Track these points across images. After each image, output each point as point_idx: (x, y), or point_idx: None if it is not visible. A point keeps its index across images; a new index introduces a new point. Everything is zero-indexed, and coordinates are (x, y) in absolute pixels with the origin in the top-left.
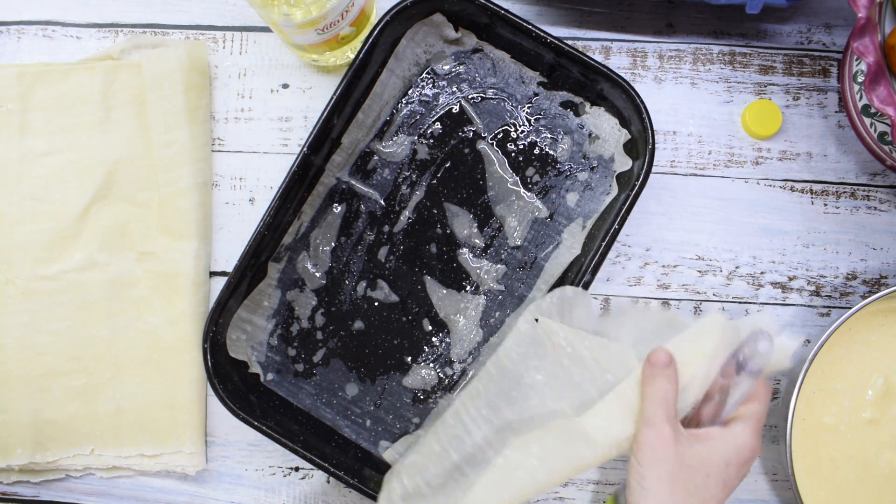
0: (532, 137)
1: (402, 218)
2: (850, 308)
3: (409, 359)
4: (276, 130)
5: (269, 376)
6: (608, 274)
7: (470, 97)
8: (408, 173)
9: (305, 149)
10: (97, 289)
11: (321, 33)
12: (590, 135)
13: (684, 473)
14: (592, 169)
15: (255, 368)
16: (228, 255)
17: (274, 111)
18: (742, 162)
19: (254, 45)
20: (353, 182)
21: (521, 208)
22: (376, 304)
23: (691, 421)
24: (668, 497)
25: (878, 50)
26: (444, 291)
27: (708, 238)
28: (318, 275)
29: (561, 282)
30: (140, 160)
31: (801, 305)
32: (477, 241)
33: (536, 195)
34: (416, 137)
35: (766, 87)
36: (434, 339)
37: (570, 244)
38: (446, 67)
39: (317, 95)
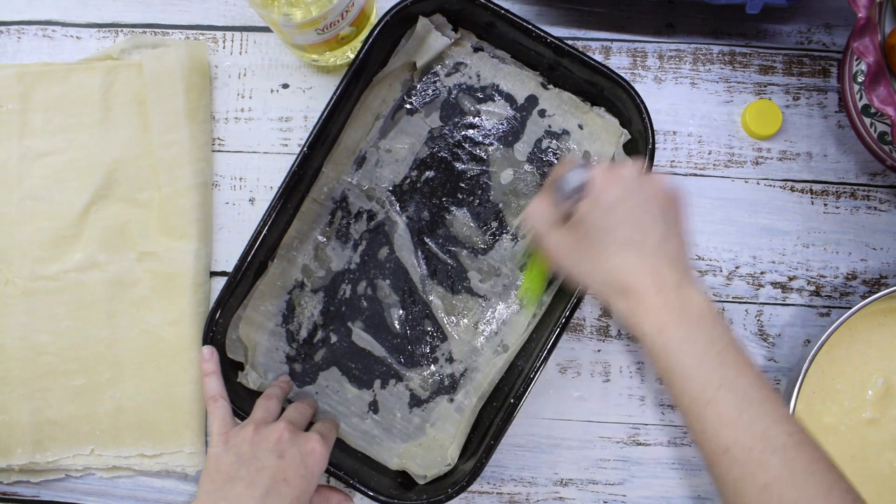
0: (532, 137)
1: (402, 218)
2: (850, 308)
3: (409, 359)
4: (276, 130)
5: (270, 376)
6: None
7: (470, 97)
8: (408, 172)
9: (305, 149)
10: (97, 289)
11: (321, 33)
12: (590, 135)
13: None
14: None
15: (249, 379)
16: (228, 255)
17: (274, 111)
18: (742, 162)
19: (254, 45)
20: (353, 181)
21: (521, 208)
22: (376, 304)
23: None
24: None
25: (878, 50)
26: (445, 292)
27: (708, 238)
28: (318, 275)
29: (562, 281)
30: (140, 160)
31: (801, 305)
32: (477, 240)
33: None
34: (416, 137)
35: (766, 87)
36: (434, 339)
37: None
38: (446, 67)
39: (317, 95)
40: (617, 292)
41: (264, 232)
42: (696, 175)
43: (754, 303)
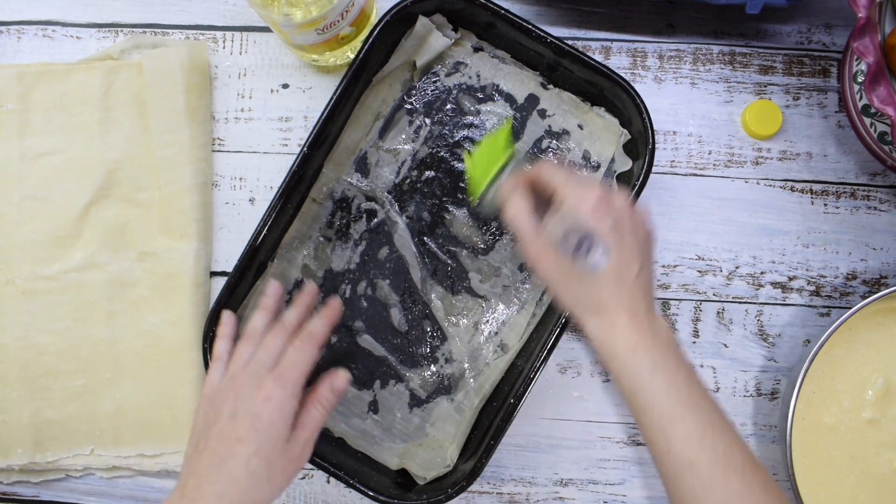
0: (532, 137)
1: (402, 218)
2: (850, 308)
3: (409, 359)
4: (276, 130)
5: None
6: None
7: (470, 96)
8: (408, 172)
9: (305, 149)
10: (97, 289)
11: (321, 33)
12: (590, 135)
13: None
14: (593, 169)
15: None
16: (228, 255)
17: (274, 111)
18: (742, 162)
19: (254, 45)
20: (353, 181)
21: None
22: (376, 304)
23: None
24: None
25: (878, 50)
26: (445, 292)
27: (708, 238)
28: (318, 274)
29: None
30: (140, 160)
31: (801, 305)
32: (477, 241)
33: None
34: (416, 137)
35: (766, 87)
36: (434, 339)
37: None
38: (446, 67)
39: (317, 95)
40: (591, 311)
41: (264, 232)
42: (696, 175)
43: (754, 303)
